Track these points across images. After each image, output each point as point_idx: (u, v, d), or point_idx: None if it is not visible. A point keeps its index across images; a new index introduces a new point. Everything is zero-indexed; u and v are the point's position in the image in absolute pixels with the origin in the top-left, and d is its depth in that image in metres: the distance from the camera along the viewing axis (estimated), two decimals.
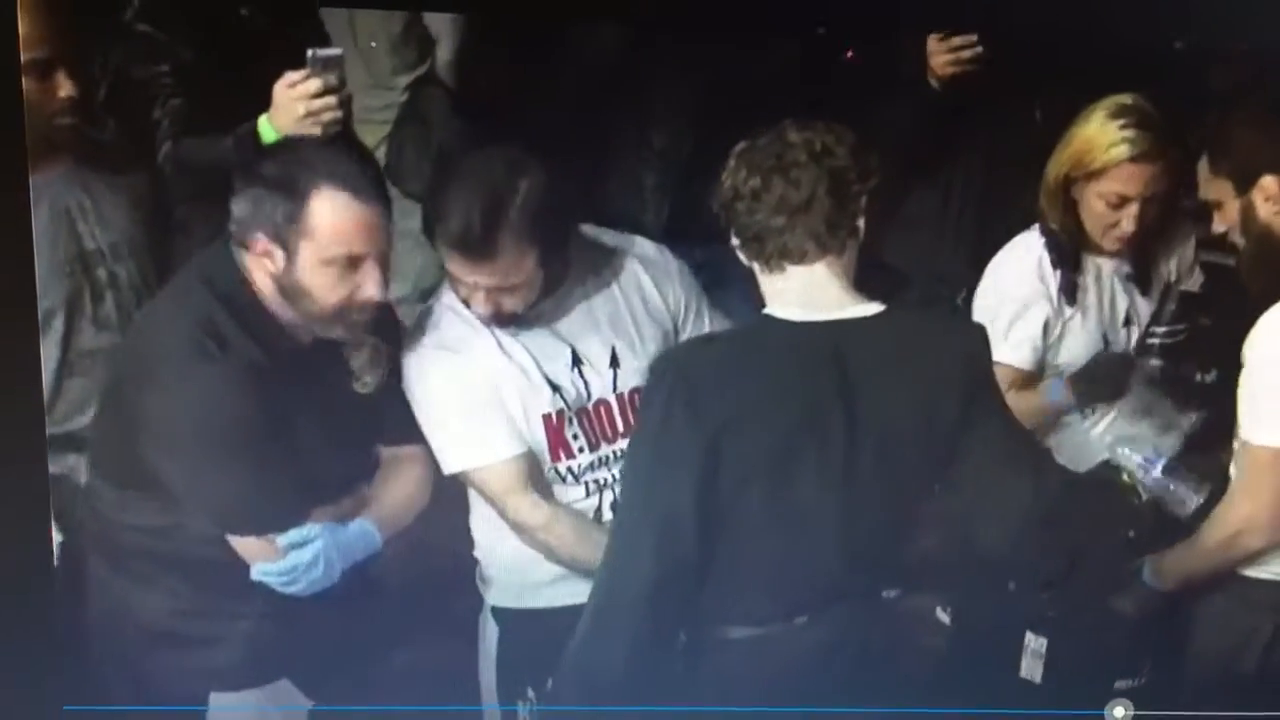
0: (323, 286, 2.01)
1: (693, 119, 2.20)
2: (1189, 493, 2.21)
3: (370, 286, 2.02)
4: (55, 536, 2.12)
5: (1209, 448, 2.27)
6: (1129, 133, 2.21)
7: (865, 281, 2.20)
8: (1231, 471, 2.16)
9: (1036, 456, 2.15)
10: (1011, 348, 2.30)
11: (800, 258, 1.90)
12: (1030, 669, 2.21)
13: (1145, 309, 2.37)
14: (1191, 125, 2.21)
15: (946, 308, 2.37)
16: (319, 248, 1.99)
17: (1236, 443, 2.14)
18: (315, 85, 2.10)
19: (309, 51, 2.11)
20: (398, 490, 2.20)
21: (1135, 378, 2.32)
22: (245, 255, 2.04)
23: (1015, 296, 2.33)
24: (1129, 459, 2.24)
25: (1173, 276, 2.38)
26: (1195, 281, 2.38)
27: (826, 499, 1.90)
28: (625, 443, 2.15)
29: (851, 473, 1.89)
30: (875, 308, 1.93)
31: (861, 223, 1.91)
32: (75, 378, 2.21)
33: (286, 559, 2.07)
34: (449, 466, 2.18)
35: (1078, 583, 2.18)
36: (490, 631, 2.27)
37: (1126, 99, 2.22)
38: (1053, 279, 2.32)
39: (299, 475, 2.09)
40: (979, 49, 2.32)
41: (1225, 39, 2.19)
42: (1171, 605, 2.20)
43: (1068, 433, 2.36)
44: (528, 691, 2.16)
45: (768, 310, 1.94)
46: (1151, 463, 2.23)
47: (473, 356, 2.15)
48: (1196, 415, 2.30)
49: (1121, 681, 2.20)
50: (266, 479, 2.06)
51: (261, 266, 2.03)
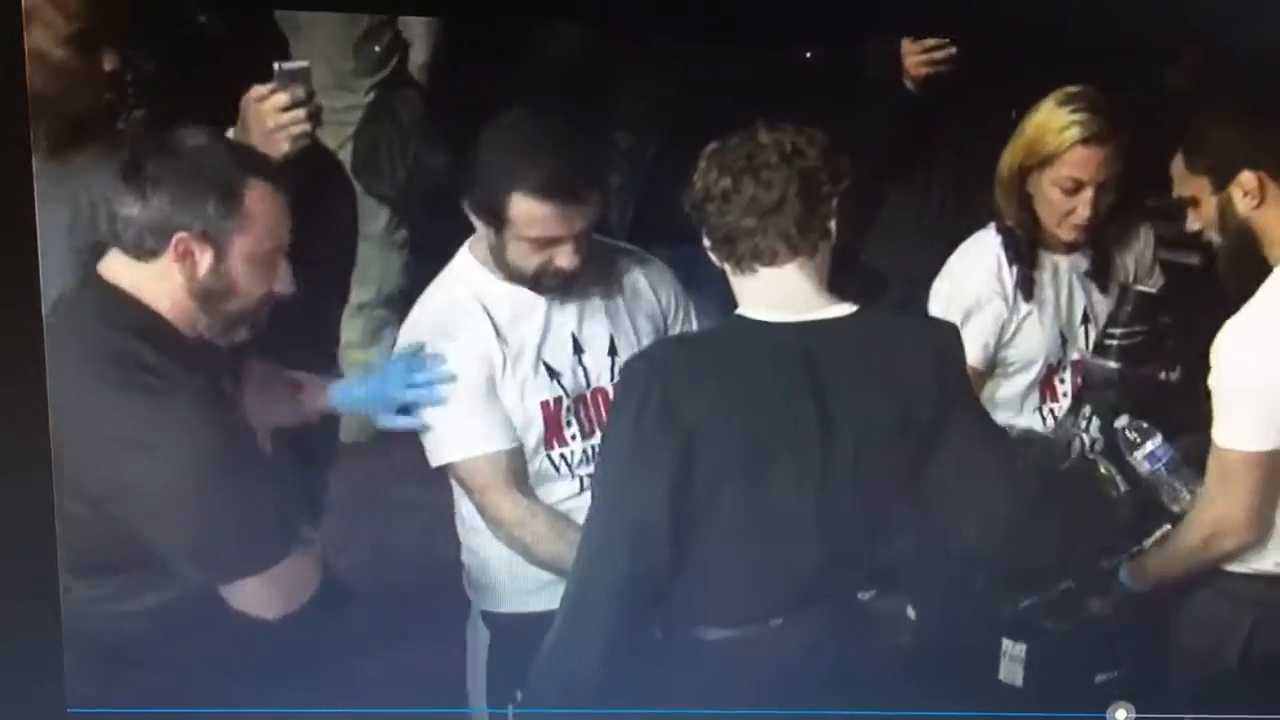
0: (248, 281, 1.96)
1: (660, 120, 2.20)
2: (1183, 488, 2.20)
3: (286, 280, 1.99)
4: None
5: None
6: (1079, 116, 2.21)
7: (845, 284, 2.21)
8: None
9: (1012, 453, 2.14)
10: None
11: (771, 259, 1.90)
12: (1010, 673, 2.20)
13: (1104, 307, 2.36)
14: (1164, 122, 2.21)
15: (921, 309, 2.37)
16: (253, 242, 1.95)
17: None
18: (282, 99, 2.07)
19: (275, 65, 2.09)
20: None
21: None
22: (138, 270, 1.94)
23: (970, 294, 2.32)
24: (1138, 446, 2.23)
25: (1130, 276, 2.37)
26: (1155, 282, 2.37)
27: (801, 500, 1.90)
28: None
29: (826, 473, 1.89)
30: (847, 308, 1.93)
31: (833, 224, 1.91)
32: None
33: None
34: (437, 458, 2.17)
35: (1061, 585, 2.19)
36: (480, 637, 2.26)
37: (1074, 88, 2.23)
38: (1009, 276, 2.32)
39: (280, 496, 2.03)
40: (952, 50, 2.33)
41: (1204, 39, 2.19)
42: (1149, 606, 2.20)
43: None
44: (516, 694, 2.15)
45: (740, 311, 1.94)
46: (1158, 455, 2.23)
47: (469, 343, 2.14)
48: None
49: (1101, 675, 2.19)
50: (257, 504, 1.98)
51: (167, 275, 1.93)
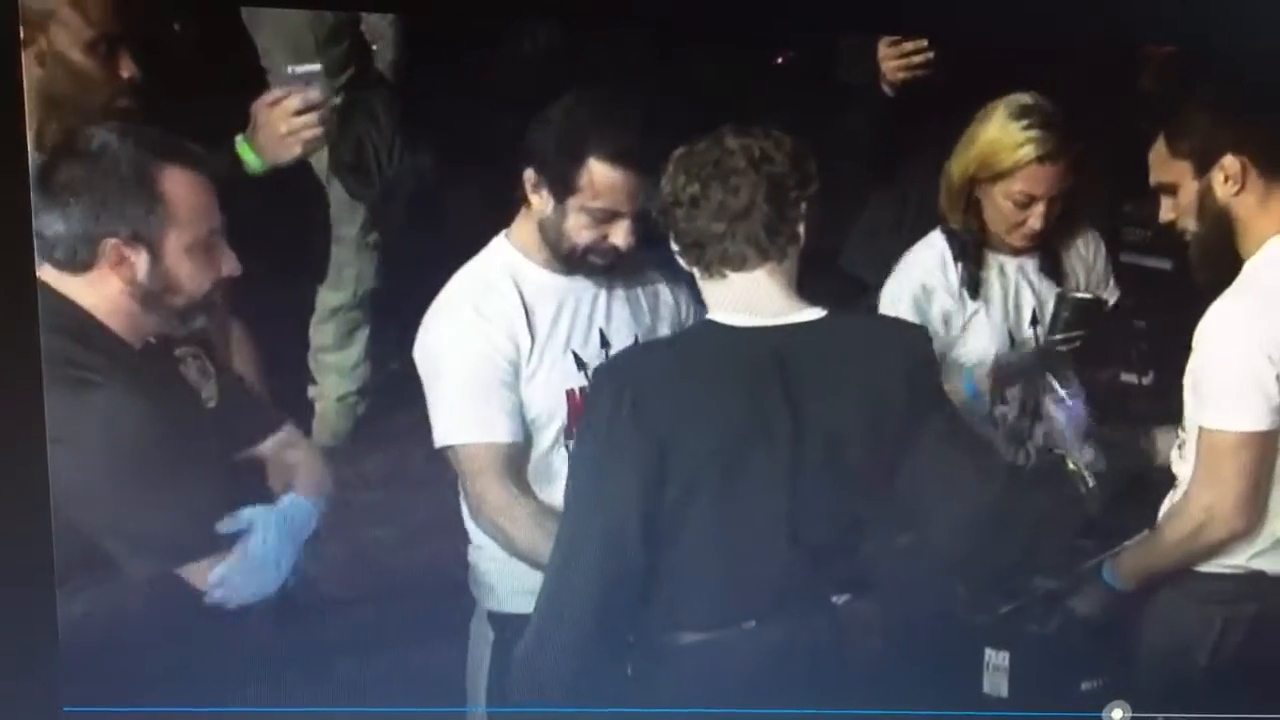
0: (192, 274, 1.92)
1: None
2: (1076, 441, 2.21)
3: (230, 263, 1.96)
4: None
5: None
6: (1034, 133, 2.19)
7: (823, 288, 2.21)
8: (1175, 466, 2.14)
9: (982, 453, 2.13)
10: None
11: (740, 264, 1.91)
12: (994, 684, 2.19)
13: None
14: (1136, 126, 2.20)
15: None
16: (184, 232, 1.91)
17: (1181, 435, 2.12)
18: (296, 103, 2.06)
19: (288, 68, 2.07)
20: (302, 467, 2.12)
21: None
22: (71, 280, 1.92)
23: (917, 283, 2.31)
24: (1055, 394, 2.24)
25: (1081, 282, 2.36)
26: (1106, 291, 2.36)
27: (773, 504, 1.90)
28: None
29: (797, 477, 1.90)
30: (818, 312, 1.93)
31: (802, 229, 1.91)
32: None
33: (235, 554, 1.98)
34: (442, 439, 2.15)
35: (1041, 586, 2.18)
36: (484, 636, 2.25)
37: (1026, 98, 2.20)
38: (954, 272, 2.32)
39: (217, 484, 2.03)
40: (930, 54, 2.32)
41: (1186, 40, 2.18)
42: (1133, 606, 2.17)
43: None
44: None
45: (710, 316, 1.95)
46: (1071, 408, 2.24)
47: (498, 324, 2.14)
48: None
49: (1087, 683, 2.18)
50: (196, 492, 2.00)
51: (105, 283, 1.91)
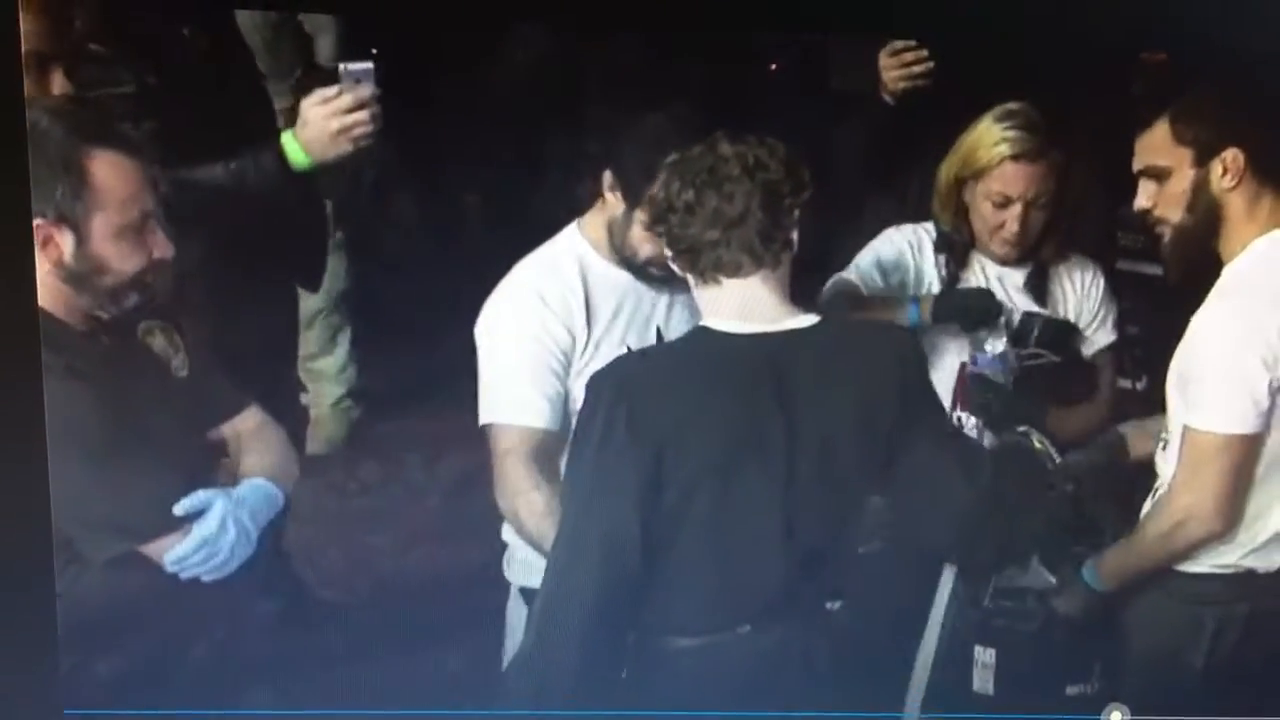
0: (118, 256, 1.93)
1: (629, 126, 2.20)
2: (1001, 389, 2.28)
3: (163, 245, 1.96)
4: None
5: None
6: (1010, 133, 2.27)
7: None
8: (1159, 466, 2.16)
9: (969, 450, 2.15)
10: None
11: (735, 270, 1.92)
12: (982, 683, 2.20)
13: None
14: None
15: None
16: (112, 215, 1.91)
17: (1163, 435, 2.14)
18: (347, 100, 2.07)
19: (340, 66, 2.08)
20: (265, 450, 2.12)
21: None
22: None
23: (882, 238, 2.42)
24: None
25: (1070, 315, 2.42)
26: (1106, 332, 2.45)
27: (769, 509, 1.92)
28: None
29: (792, 481, 1.91)
30: (811, 319, 1.95)
31: (795, 235, 1.93)
32: None
33: (192, 535, 1.98)
34: (483, 416, 2.17)
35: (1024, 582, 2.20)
36: (518, 616, 2.25)
37: (1013, 105, 2.29)
38: (930, 256, 2.39)
39: (169, 465, 2.02)
40: (930, 63, 2.35)
41: (1185, 40, 2.18)
42: (1116, 607, 2.18)
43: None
44: None
45: (704, 322, 1.96)
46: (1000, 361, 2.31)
47: (559, 311, 2.15)
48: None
49: (1073, 687, 2.19)
50: (148, 473, 1.99)
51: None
